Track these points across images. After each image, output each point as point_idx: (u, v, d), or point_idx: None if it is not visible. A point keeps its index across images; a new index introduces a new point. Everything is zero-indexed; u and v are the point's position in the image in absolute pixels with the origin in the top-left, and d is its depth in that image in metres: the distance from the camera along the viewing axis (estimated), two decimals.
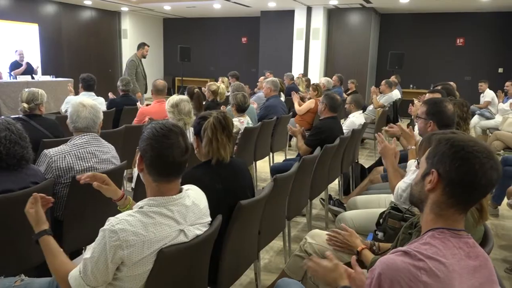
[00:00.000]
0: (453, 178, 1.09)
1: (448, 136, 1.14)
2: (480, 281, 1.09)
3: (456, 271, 1.04)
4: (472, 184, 1.07)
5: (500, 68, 10.52)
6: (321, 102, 3.68)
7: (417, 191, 1.18)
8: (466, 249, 1.09)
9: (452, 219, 1.12)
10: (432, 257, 1.03)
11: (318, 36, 10.56)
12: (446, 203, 1.11)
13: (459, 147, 1.09)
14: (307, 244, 2.13)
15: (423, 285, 1.00)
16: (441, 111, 2.38)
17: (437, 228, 1.11)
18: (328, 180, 3.53)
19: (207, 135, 1.88)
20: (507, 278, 2.87)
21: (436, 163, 1.12)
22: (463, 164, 1.07)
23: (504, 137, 5.16)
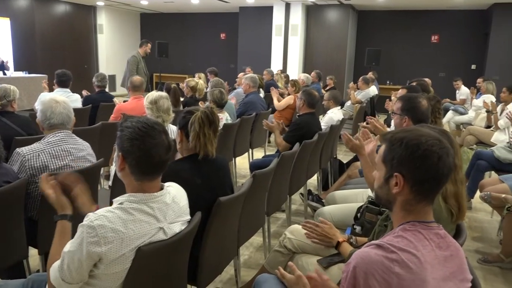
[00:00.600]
0: (418, 177, 1.11)
1: (400, 136, 1.14)
2: (451, 270, 1.12)
3: (428, 261, 1.07)
4: (436, 176, 1.11)
5: (473, 64, 10.80)
6: (299, 98, 3.70)
7: (384, 193, 1.19)
8: (436, 240, 1.12)
9: (423, 212, 1.15)
10: (404, 249, 1.06)
11: (297, 32, 10.61)
12: (415, 199, 1.14)
13: (415, 146, 1.10)
14: (286, 239, 2.14)
15: (396, 276, 1.03)
16: (415, 107, 2.43)
17: (408, 222, 1.14)
18: (307, 175, 3.56)
19: (195, 129, 1.88)
20: (479, 268, 2.96)
21: (397, 166, 1.13)
22: (424, 162, 1.10)
23: (476, 132, 5.31)
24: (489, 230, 3.66)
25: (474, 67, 10.79)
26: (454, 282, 1.12)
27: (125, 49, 13.44)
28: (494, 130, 5.06)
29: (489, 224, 3.78)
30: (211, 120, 1.91)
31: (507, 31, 9.54)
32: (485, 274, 2.89)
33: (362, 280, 1.05)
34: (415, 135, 1.13)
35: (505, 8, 9.41)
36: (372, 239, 1.65)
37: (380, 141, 1.25)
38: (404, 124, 2.43)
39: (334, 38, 10.65)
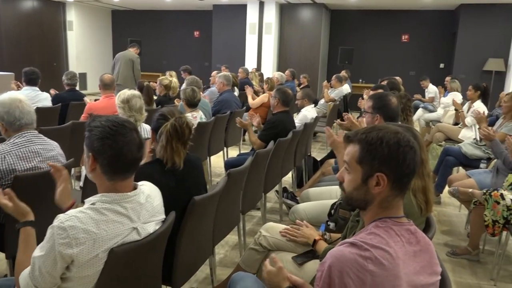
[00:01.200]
0: (399, 174, 1.13)
1: (377, 136, 1.14)
2: (421, 264, 1.15)
3: (400, 257, 1.09)
4: (414, 170, 1.15)
5: (442, 63, 11.13)
6: (273, 97, 3.72)
7: (361, 194, 1.17)
8: (407, 235, 1.15)
9: (396, 207, 1.18)
10: (377, 246, 1.08)
11: (271, 31, 10.64)
12: (392, 196, 1.16)
13: (396, 144, 1.12)
14: (261, 237, 2.15)
15: (369, 273, 1.05)
16: (386, 105, 2.49)
17: (380, 218, 1.16)
18: (282, 173, 3.59)
19: (162, 141, 1.85)
20: (448, 261, 3.06)
21: (380, 166, 1.13)
22: (405, 158, 1.12)
23: (445, 129, 5.47)
24: (457, 223, 3.78)
25: (442, 66, 11.11)
26: (424, 275, 1.14)
27: (96, 47, 13.16)
28: (462, 127, 5.23)
29: (457, 218, 3.90)
30: (180, 133, 1.87)
31: (473, 30, 9.87)
32: (454, 267, 2.99)
33: (337, 279, 1.06)
34: (392, 132, 1.15)
35: (472, 8, 9.74)
36: (345, 234, 1.68)
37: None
38: (376, 122, 2.49)
39: (308, 37, 10.75)
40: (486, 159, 3.92)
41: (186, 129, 1.90)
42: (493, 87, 9.42)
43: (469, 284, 2.77)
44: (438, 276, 1.20)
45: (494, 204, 2.72)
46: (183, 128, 1.89)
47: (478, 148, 4.01)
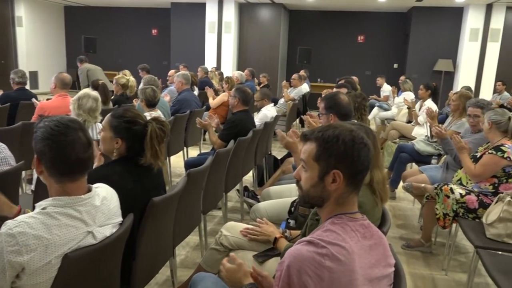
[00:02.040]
0: (354, 170, 1.15)
1: (333, 134, 1.16)
2: (376, 258, 1.19)
3: (356, 252, 1.12)
4: (367, 167, 1.18)
5: (395, 63, 11.56)
6: (233, 96, 3.71)
7: (318, 192, 1.18)
8: (361, 230, 1.18)
9: (351, 203, 1.21)
10: (333, 243, 1.10)
11: (230, 30, 10.63)
12: (348, 192, 1.18)
13: (351, 141, 1.14)
14: (222, 236, 2.15)
15: (327, 270, 1.07)
16: (337, 103, 2.56)
17: (335, 215, 1.19)
18: (243, 172, 3.59)
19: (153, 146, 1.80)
20: (403, 253, 3.19)
21: (335, 163, 1.15)
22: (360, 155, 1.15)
23: (399, 127, 5.68)
24: (411, 217, 3.94)
25: (396, 66, 11.54)
26: (379, 268, 1.19)
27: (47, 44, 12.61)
28: (414, 125, 5.46)
29: (411, 212, 4.07)
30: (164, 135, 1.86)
31: (424, 32, 10.33)
32: (408, 259, 3.11)
33: (296, 278, 1.07)
34: (347, 130, 1.17)
35: (423, 11, 10.18)
36: (305, 232, 1.71)
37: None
38: (331, 121, 2.55)
39: (267, 37, 10.83)
40: (437, 155, 4.11)
41: (167, 131, 1.90)
42: (442, 87, 9.91)
43: (423, 275, 2.90)
44: (392, 267, 1.25)
45: (445, 198, 2.86)
46: (165, 130, 1.88)
47: (429, 145, 4.19)
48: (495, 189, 2.79)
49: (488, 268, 2.13)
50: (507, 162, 2.72)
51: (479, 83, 9.99)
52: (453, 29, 10.25)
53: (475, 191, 2.86)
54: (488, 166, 2.78)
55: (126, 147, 1.83)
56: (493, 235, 2.50)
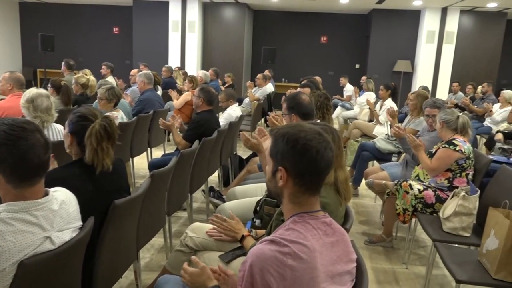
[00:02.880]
0: (298, 170, 1.17)
1: (283, 132, 1.20)
2: (338, 254, 1.22)
3: (317, 249, 1.14)
4: (315, 169, 1.17)
5: (357, 64, 11.85)
6: (197, 96, 3.68)
7: (273, 186, 1.24)
8: (323, 228, 1.21)
9: (309, 203, 1.22)
10: (295, 241, 1.12)
11: (194, 29, 10.53)
12: (299, 191, 1.20)
13: (294, 141, 1.16)
14: (187, 238, 2.13)
15: (289, 268, 1.08)
16: (299, 103, 2.61)
17: (297, 214, 1.20)
18: (208, 172, 3.57)
19: (91, 144, 1.72)
20: (366, 248, 3.27)
21: (281, 160, 1.18)
22: (303, 156, 1.16)
23: (361, 126, 5.83)
24: (373, 213, 4.06)
25: (358, 66, 11.83)
26: (340, 264, 1.22)
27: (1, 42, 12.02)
28: (375, 124, 5.61)
29: (373, 209, 4.19)
30: (110, 133, 1.77)
31: (384, 34, 10.64)
32: (371, 254, 3.20)
33: (259, 277, 1.08)
34: (296, 130, 1.19)
35: (382, 13, 10.49)
36: (270, 231, 1.72)
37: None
38: (294, 121, 2.58)
39: (232, 36, 10.81)
40: (397, 153, 4.25)
41: (115, 128, 1.82)
42: (402, 87, 10.26)
43: (384, 269, 2.99)
44: (353, 263, 1.28)
45: (404, 194, 2.96)
46: (113, 127, 1.80)
47: (390, 143, 4.33)
48: (450, 184, 2.92)
49: (445, 260, 2.23)
50: (459, 155, 2.85)
51: (435, 83, 10.42)
52: (411, 31, 10.62)
53: (432, 186, 2.97)
54: (442, 160, 2.90)
55: (77, 144, 1.77)
56: (449, 229, 2.62)
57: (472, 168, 2.94)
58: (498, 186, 2.66)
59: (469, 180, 2.93)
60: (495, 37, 10.18)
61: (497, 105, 6.47)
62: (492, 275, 2.07)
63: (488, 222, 2.23)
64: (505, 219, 2.06)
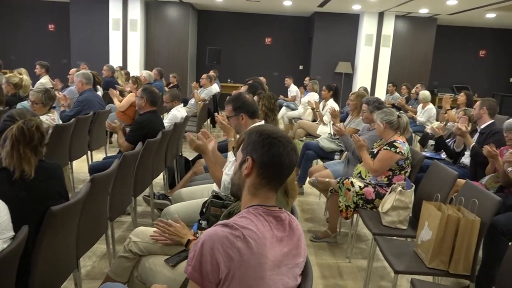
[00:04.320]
0: (264, 160, 1.26)
1: (257, 128, 1.32)
2: (288, 248, 1.27)
3: (267, 238, 1.20)
4: (280, 164, 1.27)
5: (301, 65, 12.13)
6: (140, 97, 3.58)
7: (237, 179, 1.33)
8: (275, 222, 1.27)
9: (265, 197, 1.30)
10: (246, 227, 1.18)
11: (136, 27, 10.24)
12: (260, 183, 1.28)
13: (266, 135, 1.28)
14: (131, 243, 2.06)
15: (237, 250, 1.14)
16: (245, 102, 2.60)
17: (252, 205, 1.27)
18: (153, 175, 3.49)
19: (7, 146, 1.60)
20: (311, 245, 3.36)
21: (250, 151, 1.28)
22: (271, 148, 1.26)
23: (305, 126, 5.98)
24: (318, 211, 4.17)
25: (301, 67, 12.11)
26: (289, 257, 1.27)
27: None
28: (319, 123, 5.78)
29: (318, 206, 4.31)
30: (28, 137, 1.65)
31: (326, 36, 10.99)
32: (316, 250, 3.29)
33: (209, 255, 1.13)
34: (270, 128, 1.33)
35: (324, 16, 10.82)
36: None
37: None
38: (243, 121, 2.57)
39: (176, 36, 10.64)
40: (339, 151, 4.40)
41: (35, 133, 1.69)
42: (343, 87, 10.65)
43: (329, 264, 3.08)
44: (301, 258, 1.33)
45: (346, 191, 3.08)
46: (32, 131, 1.67)
47: (332, 142, 4.48)
48: (389, 181, 3.07)
49: (384, 252, 2.34)
50: (399, 156, 3.02)
51: (374, 84, 10.92)
52: (351, 34, 11.05)
53: (372, 183, 3.12)
54: (384, 161, 3.05)
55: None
56: (388, 222, 2.76)
57: (409, 166, 3.12)
58: (430, 180, 2.85)
59: (406, 176, 3.10)
60: (427, 41, 10.87)
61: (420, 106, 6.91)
62: (426, 264, 2.20)
63: (422, 215, 2.37)
64: (437, 211, 2.21)
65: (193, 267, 1.14)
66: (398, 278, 2.26)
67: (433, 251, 2.17)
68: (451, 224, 2.14)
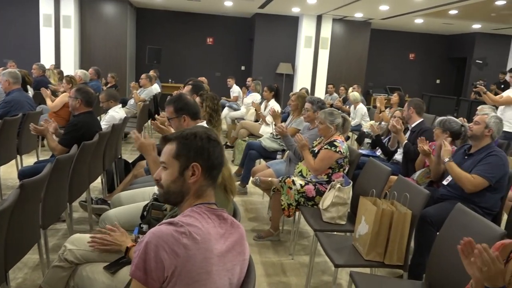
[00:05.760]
0: (210, 164, 1.31)
1: (191, 132, 1.32)
2: (232, 244, 1.30)
3: (212, 234, 1.23)
4: (221, 163, 1.35)
5: (243, 66, 12.19)
6: (74, 97, 3.40)
7: (179, 187, 1.31)
8: (218, 220, 1.30)
9: (209, 196, 1.34)
10: (191, 224, 1.20)
11: (70, 24, 9.73)
12: (206, 185, 1.33)
13: (207, 138, 1.32)
14: (67, 251, 1.95)
15: (183, 246, 1.15)
16: (187, 103, 2.57)
17: (195, 205, 1.29)
18: (90, 179, 3.33)
19: None
20: (255, 244, 3.39)
21: (194, 157, 1.29)
22: (214, 150, 1.31)
23: (248, 126, 6.02)
24: (261, 210, 4.22)
25: (243, 68, 12.19)
26: (233, 253, 1.29)
27: None
28: (261, 123, 5.85)
29: (261, 205, 4.35)
30: None
31: (267, 37, 11.14)
32: (260, 249, 3.32)
33: (153, 253, 1.12)
34: (202, 129, 1.35)
35: (265, 18, 10.97)
36: None
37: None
38: (185, 123, 2.53)
39: (113, 34, 10.25)
40: (281, 150, 4.49)
41: None
42: (284, 88, 10.86)
43: (273, 262, 3.13)
44: (245, 255, 1.36)
45: (288, 189, 3.14)
46: None
47: (274, 142, 4.55)
48: (329, 178, 3.18)
49: (325, 247, 2.42)
50: (339, 155, 3.13)
51: (314, 85, 11.26)
52: (291, 36, 11.30)
53: (313, 181, 3.21)
54: (325, 161, 3.16)
55: None
56: (328, 218, 2.85)
57: (347, 164, 3.25)
58: (366, 177, 2.99)
59: (344, 173, 3.22)
60: (362, 44, 11.39)
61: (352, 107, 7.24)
62: (364, 257, 2.31)
63: (359, 210, 2.48)
64: (373, 206, 2.32)
65: (136, 266, 1.14)
66: (338, 271, 2.35)
67: (369, 244, 2.28)
68: (385, 218, 2.26)
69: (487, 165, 2.69)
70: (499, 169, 2.68)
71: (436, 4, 8.14)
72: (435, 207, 2.74)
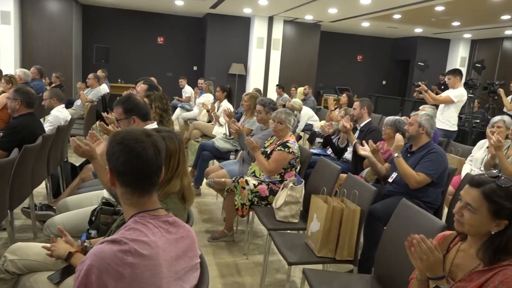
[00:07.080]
0: (119, 170, 1.20)
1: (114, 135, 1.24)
2: (183, 249, 1.26)
3: (160, 246, 1.17)
4: (137, 167, 1.19)
5: (195, 66, 12.07)
6: (13, 98, 3.21)
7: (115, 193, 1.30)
8: (165, 226, 1.23)
9: (142, 203, 1.23)
10: (136, 239, 1.13)
11: (9, 21, 9.16)
12: (126, 192, 1.22)
13: (114, 142, 1.21)
14: (7, 262, 1.83)
15: (129, 266, 1.08)
16: (137, 104, 2.51)
17: (137, 213, 1.21)
18: (33, 184, 3.16)
19: None
20: (209, 245, 3.37)
21: (109, 161, 1.22)
22: (119, 157, 1.19)
23: (200, 126, 5.96)
24: (215, 211, 4.19)
25: (196, 68, 12.07)
26: (185, 259, 1.26)
27: None
28: (214, 124, 5.82)
29: (215, 206, 4.33)
30: None
31: (219, 38, 11.11)
32: (214, 250, 3.31)
33: (95, 277, 1.05)
34: (123, 134, 1.23)
35: (216, 18, 10.92)
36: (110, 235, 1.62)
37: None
38: (135, 124, 2.47)
39: (58, 31, 9.79)
40: (235, 151, 4.49)
41: None
42: (237, 88, 10.88)
43: (227, 263, 3.12)
44: (197, 258, 1.33)
45: (241, 189, 3.15)
46: None
47: (227, 142, 4.54)
48: (282, 178, 3.22)
49: (278, 246, 2.45)
50: (292, 156, 3.19)
51: (266, 85, 11.37)
52: (244, 37, 11.34)
53: (266, 181, 3.24)
54: (279, 162, 3.20)
55: None
56: (281, 217, 2.89)
57: (299, 163, 3.30)
58: (318, 175, 3.06)
59: (296, 172, 3.28)
60: (312, 46, 11.65)
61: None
62: (316, 254, 2.36)
63: (311, 208, 2.54)
64: (324, 204, 2.38)
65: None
66: (291, 269, 2.39)
67: (321, 241, 2.34)
68: (336, 215, 2.32)
69: (429, 162, 2.84)
70: (439, 165, 2.84)
71: (381, 8, 8.50)
72: (382, 203, 2.86)
